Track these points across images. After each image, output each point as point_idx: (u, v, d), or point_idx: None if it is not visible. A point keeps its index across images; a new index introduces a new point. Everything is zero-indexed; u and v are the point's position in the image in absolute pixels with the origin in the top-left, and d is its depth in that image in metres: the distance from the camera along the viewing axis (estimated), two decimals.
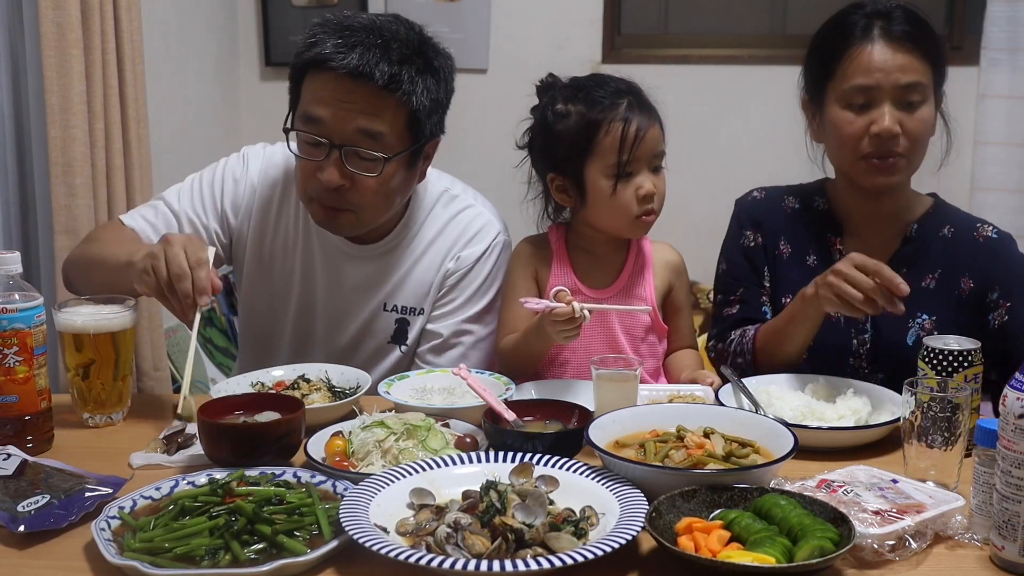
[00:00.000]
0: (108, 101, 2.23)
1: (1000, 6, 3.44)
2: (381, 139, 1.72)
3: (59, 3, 2.07)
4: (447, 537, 1.14)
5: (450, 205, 1.96)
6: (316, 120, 1.71)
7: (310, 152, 1.74)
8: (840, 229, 1.90)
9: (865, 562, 1.16)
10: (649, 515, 1.17)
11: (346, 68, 1.66)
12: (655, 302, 1.91)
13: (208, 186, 1.93)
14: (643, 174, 1.81)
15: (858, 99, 1.76)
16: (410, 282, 1.93)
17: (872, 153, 1.76)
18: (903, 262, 1.83)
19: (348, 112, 1.70)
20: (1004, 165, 3.47)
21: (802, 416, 1.59)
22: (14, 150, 2.24)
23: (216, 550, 1.15)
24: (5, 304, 1.47)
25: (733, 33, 3.89)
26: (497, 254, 1.95)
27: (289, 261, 1.94)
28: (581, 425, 1.43)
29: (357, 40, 1.68)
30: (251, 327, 2.03)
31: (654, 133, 1.81)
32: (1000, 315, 1.80)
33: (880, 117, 1.74)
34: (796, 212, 1.95)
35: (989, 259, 1.82)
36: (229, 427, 1.43)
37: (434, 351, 1.92)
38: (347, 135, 1.71)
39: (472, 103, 3.89)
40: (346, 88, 1.68)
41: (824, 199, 1.94)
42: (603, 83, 1.87)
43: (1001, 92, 3.44)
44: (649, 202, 1.81)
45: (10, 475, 1.34)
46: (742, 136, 3.74)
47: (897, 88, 1.74)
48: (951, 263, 1.83)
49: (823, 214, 1.93)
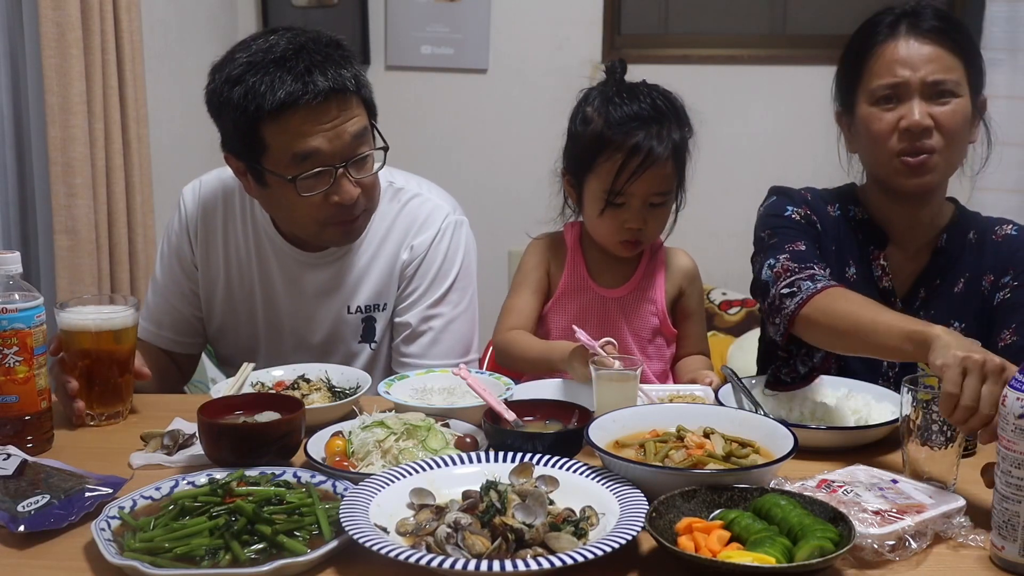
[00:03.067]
0: (108, 101, 2.23)
1: (1000, 6, 3.44)
2: (366, 135, 1.77)
3: (59, 3, 2.07)
4: (447, 537, 1.14)
5: (396, 198, 1.97)
6: (313, 154, 1.71)
7: (314, 186, 1.73)
8: (884, 241, 1.81)
9: (865, 562, 1.16)
10: (649, 515, 1.17)
11: (322, 93, 1.67)
12: (665, 306, 1.92)
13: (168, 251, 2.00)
14: (635, 208, 1.80)
15: (887, 97, 1.70)
16: (368, 281, 1.94)
17: (904, 150, 1.69)
18: (937, 273, 1.80)
19: (339, 129, 1.72)
20: (1004, 165, 3.45)
21: (802, 416, 1.59)
22: (14, 150, 2.24)
23: (216, 550, 1.15)
24: (5, 304, 1.47)
25: (733, 33, 3.89)
26: (450, 235, 1.96)
27: (247, 276, 1.96)
28: (581, 425, 1.43)
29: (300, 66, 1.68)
30: (225, 347, 2.06)
31: (659, 172, 1.77)
32: (1005, 293, 1.77)
33: (909, 112, 1.67)
34: (837, 219, 1.84)
35: (1009, 255, 1.79)
36: (229, 427, 1.42)
37: (406, 341, 1.95)
38: (346, 150, 1.73)
39: (472, 103, 3.91)
40: (325, 110, 1.70)
41: (859, 208, 1.85)
42: (636, 98, 1.79)
43: (1001, 92, 3.44)
44: (634, 235, 1.82)
45: (10, 475, 1.34)
46: (742, 136, 3.74)
47: (926, 82, 1.68)
48: (976, 266, 1.80)
49: (863, 223, 1.83)
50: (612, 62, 1.87)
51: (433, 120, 3.79)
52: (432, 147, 3.67)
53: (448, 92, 3.80)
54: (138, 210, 2.33)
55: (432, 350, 1.94)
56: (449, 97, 3.81)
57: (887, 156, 1.71)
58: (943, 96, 1.69)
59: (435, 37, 3.80)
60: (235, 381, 1.71)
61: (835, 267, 1.79)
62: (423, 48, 3.80)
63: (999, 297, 1.78)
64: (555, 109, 4.25)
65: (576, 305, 1.93)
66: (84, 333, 1.62)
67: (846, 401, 1.63)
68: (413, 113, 3.73)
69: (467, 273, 1.99)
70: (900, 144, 1.69)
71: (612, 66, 1.87)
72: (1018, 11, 3.43)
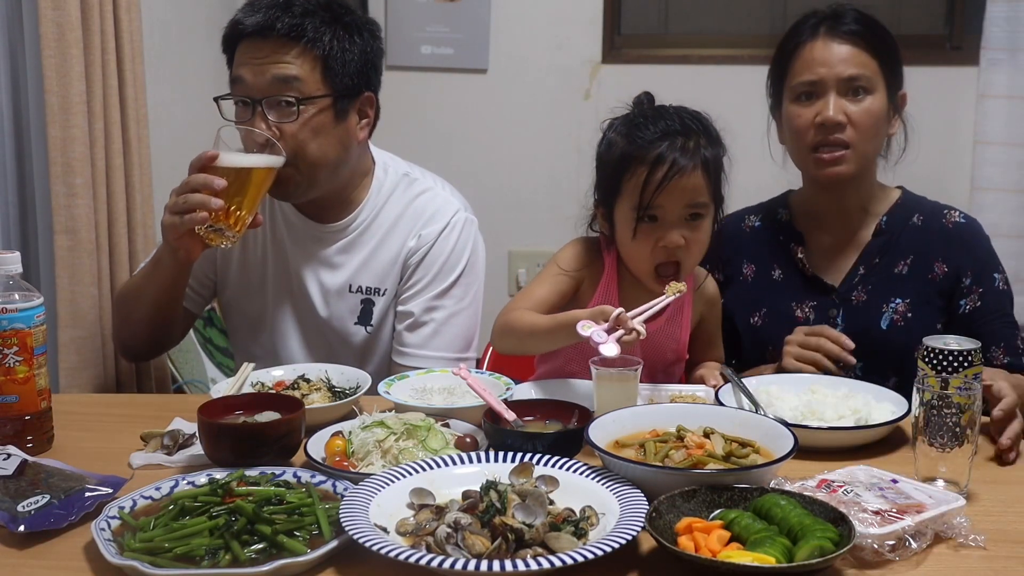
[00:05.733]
0: (108, 101, 2.22)
1: (1000, 6, 3.43)
2: (295, 84, 1.81)
3: (59, 3, 2.06)
4: (447, 537, 1.14)
5: (410, 188, 2.02)
6: (237, 81, 1.84)
7: (241, 116, 1.85)
8: (800, 237, 1.97)
9: (865, 562, 1.16)
10: (649, 515, 1.17)
11: (253, 27, 1.80)
12: (687, 340, 1.88)
13: None
14: (670, 223, 1.70)
15: (805, 93, 1.84)
16: (373, 263, 1.98)
17: (819, 143, 1.83)
18: (875, 252, 1.92)
19: (262, 65, 1.80)
20: (1004, 165, 3.47)
21: (802, 416, 1.59)
22: (14, 150, 2.24)
23: (216, 550, 1.15)
24: (5, 304, 1.47)
25: (733, 33, 3.89)
26: (459, 230, 1.99)
27: (260, 242, 2.02)
28: (581, 425, 1.43)
29: (261, 5, 1.83)
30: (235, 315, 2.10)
31: (690, 181, 1.68)
32: (972, 300, 1.88)
33: (824, 107, 1.82)
34: (755, 230, 2.02)
35: (960, 245, 1.90)
36: (229, 427, 1.43)
37: (409, 329, 1.97)
38: (264, 87, 1.81)
39: (472, 103, 3.90)
40: (256, 46, 1.81)
41: (786, 209, 2.01)
42: (661, 118, 1.73)
43: (1001, 92, 3.43)
44: (671, 256, 1.72)
45: (10, 475, 1.34)
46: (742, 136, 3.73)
47: (840, 80, 1.82)
48: (924, 249, 1.90)
49: (784, 225, 1.99)
50: (639, 96, 1.81)
51: (433, 120, 3.79)
52: (432, 147, 3.67)
53: (448, 92, 3.80)
54: (138, 210, 2.33)
55: (433, 341, 1.95)
56: (449, 97, 3.81)
57: (805, 149, 1.86)
58: (857, 93, 1.83)
59: (435, 37, 3.80)
60: (235, 381, 1.71)
61: (756, 275, 1.99)
62: (423, 48, 3.79)
63: (967, 304, 1.88)
64: (555, 109, 4.26)
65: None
66: (232, 168, 1.71)
67: (846, 401, 1.64)
68: (413, 113, 3.73)
69: (473, 270, 2.01)
70: (816, 137, 1.84)
71: (639, 99, 1.80)
72: (1018, 11, 3.43)
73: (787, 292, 1.96)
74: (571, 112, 3.72)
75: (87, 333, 2.16)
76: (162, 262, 1.84)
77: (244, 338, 2.09)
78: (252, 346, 2.06)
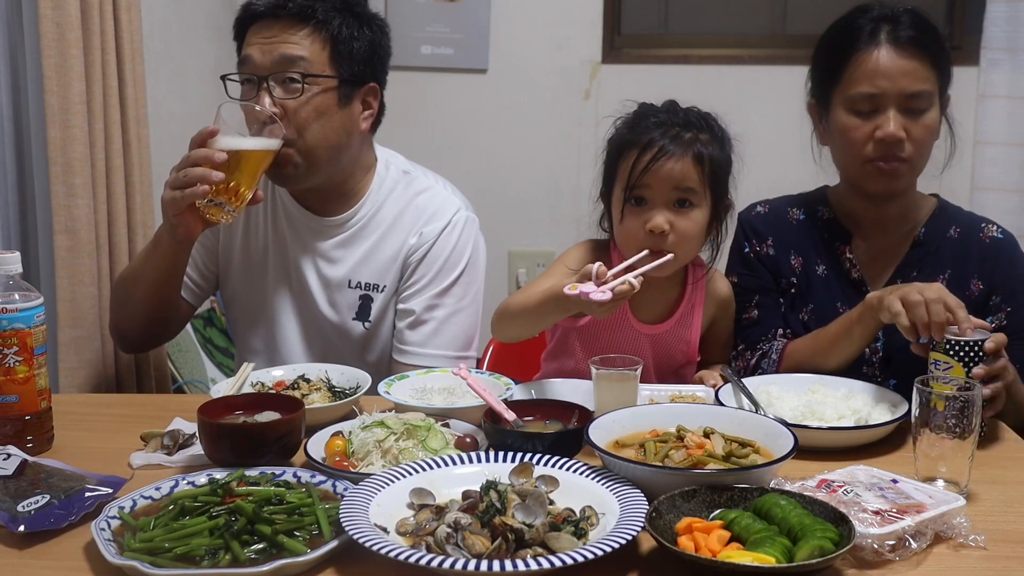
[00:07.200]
0: (108, 101, 2.22)
1: (1000, 6, 3.43)
2: (301, 63, 1.83)
3: (59, 3, 2.06)
4: (447, 537, 1.14)
5: (411, 186, 2.02)
6: (244, 60, 1.86)
7: (246, 95, 1.86)
8: (848, 236, 1.91)
9: (865, 562, 1.16)
10: (649, 515, 1.17)
11: (265, 6, 1.84)
12: (697, 341, 1.87)
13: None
14: (658, 207, 1.72)
15: (864, 106, 1.77)
16: (373, 259, 1.98)
17: (877, 157, 1.77)
18: (914, 265, 1.86)
19: (270, 44, 1.83)
20: (1004, 165, 3.47)
21: (802, 416, 1.59)
22: (14, 150, 2.24)
23: (216, 550, 1.15)
24: (5, 304, 1.47)
25: (733, 33, 3.89)
26: (460, 229, 1.99)
27: (262, 236, 2.02)
28: (581, 425, 1.43)
29: None
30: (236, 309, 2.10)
31: (677, 166, 1.70)
32: (1000, 318, 1.81)
33: (885, 123, 1.75)
34: (801, 223, 1.95)
35: (994, 262, 1.84)
36: (229, 427, 1.42)
37: (410, 327, 1.97)
38: (270, 65, 1.83)
39: (472, 103, 3.90)
40: (266, 25, 1.85)
41: (827, 207, 1.94)
42: (667, 112, 1.77)
43: (1001, 92, 3.43)
44: (659, 240, 1.72)
45: (10, 475, 1.34)
46: (742, 136, 3.72)
47: (903, 95, 1.75)
48: (960, 264, 1.85)
49: (829, 223, 1.93)
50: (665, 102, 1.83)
51: (433, 120, 3.79)
52: (432, 147, 3.66)
53: (448, 92, 3.80)
54: (138, 210, 2.32)
55: (433, 340, 1.95)
56: (449, 97, 3.81)
57: (860, 161, 1.80)
58: (918, 107, 1.76)
59: (435, 37, 3.79)
60: (235, 381, 1.71)
61: (804, 269, 1.91)
62: (423, 48, 3.79)
63: (992, 322, 1.80)
64: (555, 109, 4.25)
65: (608, 334, 1.86)
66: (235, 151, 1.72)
67: (846, 401, 1.64)
68: (413, 113, 3.72)
69: (474, 269, 2.01)
70: (874, 152, 1.77)
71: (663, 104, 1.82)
72: (1018, 11, 3.43)
73: (833, 291, 1.90)
74: (571, 112, 3.72)
75: (87, 333, 2.16)
76: (161, 242, 1.83)
77: (244, 330, 2.09)
78: (252, 339, 2.06)
